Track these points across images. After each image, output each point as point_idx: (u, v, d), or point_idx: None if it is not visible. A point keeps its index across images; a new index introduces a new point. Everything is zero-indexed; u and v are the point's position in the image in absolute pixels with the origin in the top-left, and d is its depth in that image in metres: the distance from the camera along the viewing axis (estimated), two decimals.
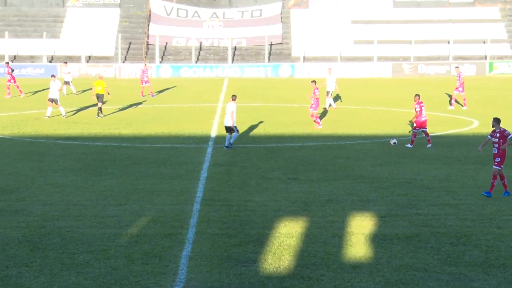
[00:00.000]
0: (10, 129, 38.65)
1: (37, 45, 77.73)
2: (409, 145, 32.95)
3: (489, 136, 24.49)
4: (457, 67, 51.03)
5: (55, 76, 46.09)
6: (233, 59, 77.67)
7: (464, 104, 47.35)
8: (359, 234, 19.82)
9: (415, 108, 33.89)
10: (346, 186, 25.56)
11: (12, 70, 56.34)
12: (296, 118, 42.29)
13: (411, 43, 76.70)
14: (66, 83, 56.08)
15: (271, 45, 79.13)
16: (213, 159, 30.64)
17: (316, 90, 38.90)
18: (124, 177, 26.97)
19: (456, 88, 47.67)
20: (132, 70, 72.89)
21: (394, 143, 33.10)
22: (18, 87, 55.44)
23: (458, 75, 48.33)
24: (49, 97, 43.86)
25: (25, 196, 23.76)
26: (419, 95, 34.40)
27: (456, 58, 75.72)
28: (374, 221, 21.12)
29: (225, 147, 32.86)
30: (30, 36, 79.99)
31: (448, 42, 77.33)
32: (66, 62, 62.08)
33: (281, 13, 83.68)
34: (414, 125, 34.11)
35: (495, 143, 24.09)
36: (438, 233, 20.02)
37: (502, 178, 24.15)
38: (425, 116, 33.84)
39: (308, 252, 18.38)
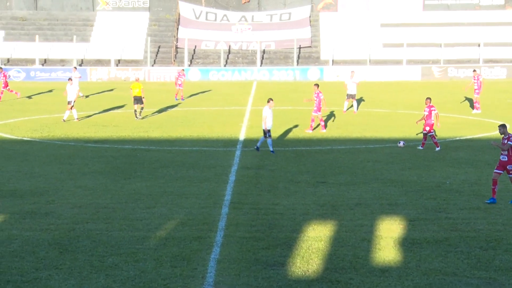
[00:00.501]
0: (40, 132, 38.90)
1: (67, 48, 78.25)
2: (420, 147, 32.77)
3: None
4: (474, 70, 50.33)
5: (71, 80, 46.54)
6: (261, 63, 77.76)
7: (476, 107, 46.97)
8: (388, 238, 19.77)
9: (425, 111, 34.02)
10: (374, 190, 25.49)
11: (9, 76, 55.67)
12: (325, 121, 42.23)
13: (440, 46, 76.46)
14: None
15: (299, 48, 79.16)
16: (242, 162, 30.67)
17: (320, 94, 38.79)
18: (153, 180, 27.06)
19: (476, 91, 47.03)
20: (161, 74, 73.21)
21: (403, 144, 32.82)
22: (11, 90, 55.25)
23: (476, 78, 47.53)
24: (68, 100, 44.11)
25: (55, 199, 23.90)
26: (430, 98, 34.75)
27: (487, 61, 75.43)
28: (403, 225, 21.05)
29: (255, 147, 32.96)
30: (60, 40, 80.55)
31: (478, 45, 77.01)
32: (75, 67, 61.72)
33: (310, 16, 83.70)
34: (428, 128, 33.83)
35: (503, 150, 23.89)
36: (467, 237, 19.92)
37: (495, 183, 23.88)
38: (433, 120, 33.77)
39: (337, 255, 18.35)
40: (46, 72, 74.23)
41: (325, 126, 39.27)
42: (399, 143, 32.83)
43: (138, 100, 44.13)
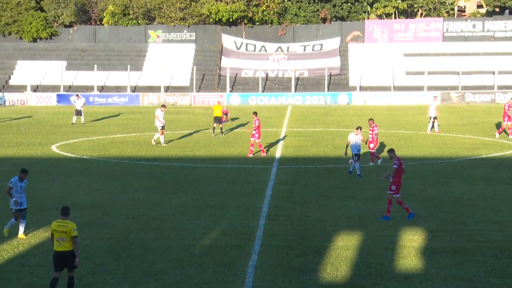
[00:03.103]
0: (98, 151, 39.21)
1: (122, 76, 78.97)
2: (352, 162, 31.62)
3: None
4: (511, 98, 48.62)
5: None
6: (295, 89, 77.83)
7: (510, 132, 44.74)
8: (410, 247, 19.67)
9: (374, 130, 33.79)
10: (397, 204, 25.37)
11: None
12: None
13: (459, 74, 76.06)
14: (78, 112, 53.84)
15: (330, 75, 79.19)
16: (277, 179, 30.65)
17: (256, 121, 37.67)
18: (198, 194, 27.13)
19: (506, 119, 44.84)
20: (205, 98, 73.58)
21: (351, 162, 31.56)
22: None
23: (508, 106, 45.08)
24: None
25: (110, 211, 24.07)
26: (373, 119, 34.76)
27: (501, 87, 74.89)
28: (424, 235, 20.93)
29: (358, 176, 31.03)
30: (116, 69, 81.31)
31: (493, 73, 76.51)
32: (77, 95, 60.16)
33: (339, 47, 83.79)
34: (372, 145, 33.61)
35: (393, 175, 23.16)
36: (483, 247, 19.76)
37: (390, 203, 23.23)
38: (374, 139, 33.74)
39: (363, 263, 18.28)
40: (103, 97, 74.89)
41: (265, 150, 38.21)
42: (350, 161, 31.46)
43: (218, 120, 46.46)
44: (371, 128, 33.89)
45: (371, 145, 33.67)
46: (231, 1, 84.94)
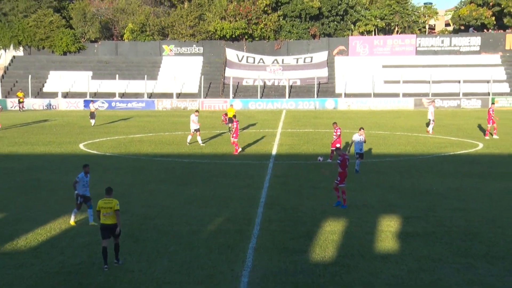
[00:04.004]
0: (119, 148, 39.24)
1: (139, 85, 79.03)
2: (320, 159, 30.50)
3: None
4: (493, 103, 47.23)
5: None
6: (289, 95, 77.85)
7: (494, 133, 43.85)
8: (387, 232, 19.70)
9: (337, 132, 33.45)
10: (377, 194, 25.40)
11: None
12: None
13: (429, 83, 76.13)
14: (93, 116, 53.72)
15: (319, 84, 79.22)
16: (273, 172, 30.68)
17: (235, 123, 37.64)
18: (205, 186, 27.17)
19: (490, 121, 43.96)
20: (211, 103, 73.67)
21: (321, 159, 30.26)
22: None
23: (491, 110, 44.29)
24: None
25: (129, 200, 24.06)
26: (336, 123, 34.53)
27: (465, 94, 74.94)
28: (399, 221, 20.96)
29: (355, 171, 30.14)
30: (135, 78, 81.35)
31: (459, 82, 76.57)
32: (92, 101, 60.35)
33: (327, 59, 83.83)
34: (338, 145, 33.03)
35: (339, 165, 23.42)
36: (450, 231, 19.80)
37: (336, 190, 23.33)
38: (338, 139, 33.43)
39: (347, 245, 18.31)
40: (124, 103, 74.92)
41: (238, 150, 37.44)
42: (319, 158, 30.27)
43: (231, 120, 46.20)
44: (335, 130, 33.72)
45: (338, 145, 33.18)
46: (234, 20, 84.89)
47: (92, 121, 52.95)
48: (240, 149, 37.43)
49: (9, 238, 19.16)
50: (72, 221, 20.76)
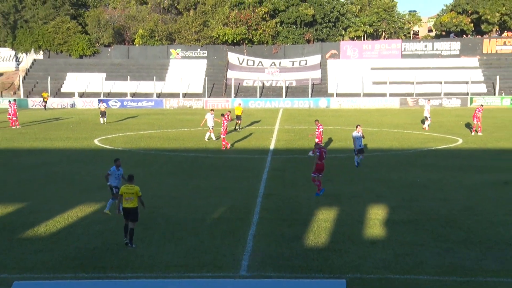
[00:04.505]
0: (130, 144, 39.25)
1: (149, 85, 78.92)
2: (311, 154, 30.19)
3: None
4: (481, 105, 46.73)
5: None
6: (286, 95, 77.78)
7: (479, 130, 43.40)
8: (375, 220, 19.73)
9: (319, 128, 33.86)
10: (366, 186, 25.44)
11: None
12: (329, 136, 42.15)
13: (414, 84, 76.06)
14: (103, 114, 52.85)
15: (313, 84, 79.14)
16: (271, 166, 30.71)
17: (224, 121, 37.14)
18: (209, 179, 27.19)
19: (475, 119, 43.48)
20: (215, 102, 73.47)
21: (312, 153, 29.51)
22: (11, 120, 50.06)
23: (478, 110, 43.64)
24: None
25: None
26: (318, 120, 35.12)
27: (446, 94, 74.90)
28: (386, 210, 20.99)
29: (356, 166, 29.96)
30: (144, 79, 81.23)
31: (441, 83, 76.52)
32: (101, 100, 59.50)
33: (320, 62, 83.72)
34: (317, 140, 33.18)
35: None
36: (432, 219, 19.84)
37: (314, 181, 23.66)
38: (322, 135, 33.88)
39: (339, 232, 18.34)
40: (135, 102, 74.87)
41: (225, 145, 36.88)
42: (310, 153, 29.78)
43: (239, 117, 47.39)
44: (317, 127, 33.86)
45: (316, 140, 33.16)
46: (235, 26, 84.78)
47: (102, 120, 52.66)
48: (229, 146, 36.85)
49: (30, 226, 19.21)
50: (106, 210, 20.65)
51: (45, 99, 71.04)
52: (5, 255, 16.43)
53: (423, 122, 48.03)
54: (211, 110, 42.66)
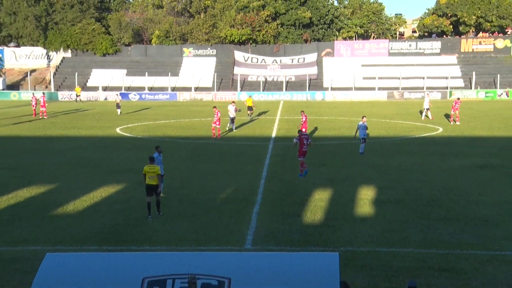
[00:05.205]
0: (148, 132, 39.27)
1: (164, 80, 78.77)
2: (296, 140, 29.58)
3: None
4: (458, 98, 45.94)
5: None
6: (286, 89, 77.59)
7: (457, 120, 43.10)
8: (365, 199, 19.73)
9: (303, 118, 34.37)
10: (357, 169, 25.42)
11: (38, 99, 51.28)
12: (325, 125, 42.13)
13: (399, 79, 75.76)
14: (118, 106, 52.73)
15: (310, 79, 78.87)
16: (273, 152, 30.70)
17: (218, 113, 36.16)
18: (217, 163, 27.20)
19: (453, 110, 43.32)
20: (223, 95, 73.30)
21: (295, 141, 29.04)
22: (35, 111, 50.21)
23: (455, 102, 43.59)
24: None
25: None
26: (303, 111, 35.46)
27: (428, 88, 74.57)
28: (375, 191, 20.98)
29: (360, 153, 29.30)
30: (160, 75, 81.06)
31: (423, 78, 76.22)
32: (117, 94, 59.13)
33: (316, 60, 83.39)
34: (303, 129, 32.62)
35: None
36: (415, 198, 19.83)
37: (301, 164, 23.91)
38: (304, 124, 34.02)
39: (333, 210, 18.35)
40: (152, 95, 74.74)
41: (219, 135, 36.39)
42: (294, 140, 29.16)
43: (250, 108, 47.78)
44: (302, 117, 34.09)
45: (303, 129, 32.87)
46: (241, 28, 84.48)
47: (118, 111, 52.60)
48: (219, 135, 36.16)
49: (60, 204, 19.27)
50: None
51: (78, 94, 71.14)
52: (38, 230, 16.50)
53: (421, 112, 47.61)
54: (233, 102, 42.63)
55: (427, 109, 46.23)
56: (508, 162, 26.78)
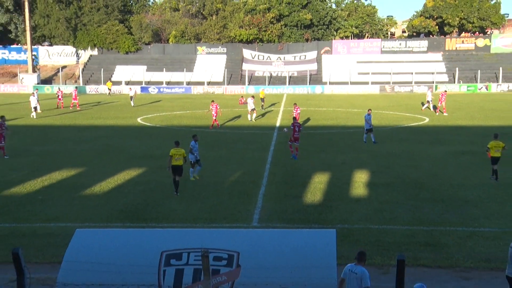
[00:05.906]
0: (165, 122, 39.27)
1: (180, 76, 78.63)
2: (286, 130, 28.13)
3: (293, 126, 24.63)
4: (445, 91, 45.87)
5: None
6: (289, 83, 77.35)
7: (444, 111, 42.71)
8: (360, 182, 19.71)
9: (297, 110, 34.22)
10: (352, 155, 25.37)
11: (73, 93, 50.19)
12: (323, 116, 42.03)
13: (390, 74, 75.34)
14: (131, 98, 52.26)
15: (310, 75, 78.58)
16: (277, 140, 30.67)
17: (217, 106, 35.69)
18: (227, 150, 27.22)
19: (440, 102, 43.16)
20: (232, 89, 73.12)
21: (286, 130, 27.64)
22: (62, 103, 49.13)
23: (442, 95, 43.33)
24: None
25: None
26: (296, 103, 35.34)
27: (416, 82, 74.18)
28: (368, 174, 20.95)
29: (373, 143, 28.52)
30: (177, 70, 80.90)
31: (412, 73, 75.77)
32: (130, 88, 58.32)
33: (316, 57, 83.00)
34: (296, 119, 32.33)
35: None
36: (404, 182, 19.81)
37: (290, 147, 24.51)
38: (297, 114, 33.77)
39: (330, 192, 18.35)
40: (169, 89, 74.65)
41: (214, 126, 35.54)
42: (284, 129, 28.72)
43: (262, 100, 48.25)
44: (295, 109, 34.03)
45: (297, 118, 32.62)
46: (248, 28, 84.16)
47: (132, 103, 52.53)
48: (217, 126, 35.35)
49: (88, 186, 19.36)
50: (194, 175, 20.30)
51: (109, 87, 71.37)
52: (69, 208, 16.60)
53: (422, 104, 47.48)
54: (252, 96, 42.58)
55: (429, 102, 45.91)
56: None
